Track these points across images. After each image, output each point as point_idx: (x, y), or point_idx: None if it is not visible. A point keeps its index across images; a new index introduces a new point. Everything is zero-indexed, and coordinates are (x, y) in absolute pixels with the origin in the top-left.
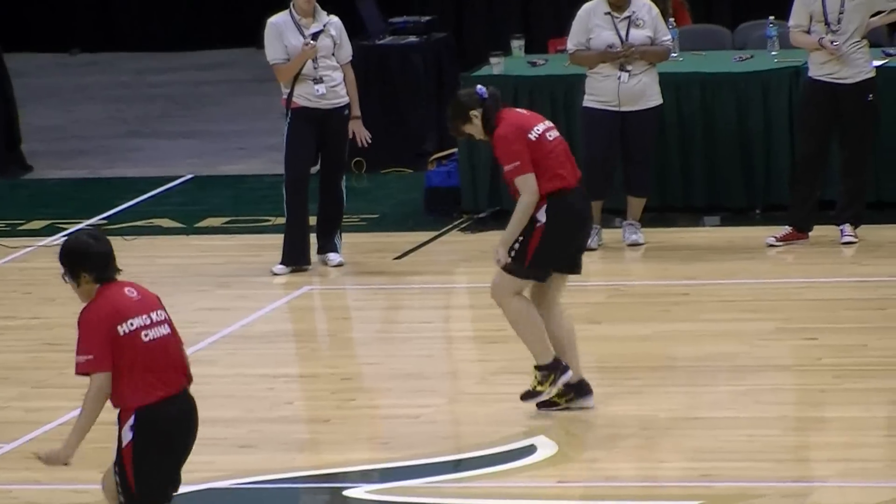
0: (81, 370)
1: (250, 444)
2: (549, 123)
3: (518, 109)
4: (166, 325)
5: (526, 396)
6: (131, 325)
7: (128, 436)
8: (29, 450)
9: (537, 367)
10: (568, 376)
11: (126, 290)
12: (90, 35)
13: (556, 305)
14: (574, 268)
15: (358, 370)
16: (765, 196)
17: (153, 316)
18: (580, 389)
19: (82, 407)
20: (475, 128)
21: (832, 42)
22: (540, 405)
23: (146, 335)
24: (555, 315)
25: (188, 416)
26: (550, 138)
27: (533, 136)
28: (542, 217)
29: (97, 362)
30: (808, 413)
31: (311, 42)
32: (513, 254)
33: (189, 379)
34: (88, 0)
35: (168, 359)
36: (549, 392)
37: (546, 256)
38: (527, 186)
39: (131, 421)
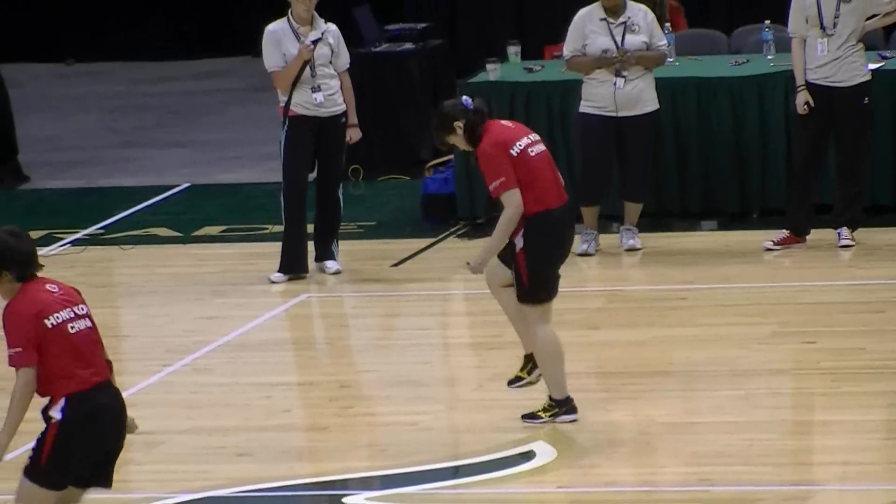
0: (14, 363)
1: (248, 453)
2: (534, 137)
3: (504, 122)
4: (88, 319)
5: (527, 417)
6: (58, 317)
7: (57, 416)
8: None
9: (550, 398)
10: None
11: (48, 286)
12: (85, 45)
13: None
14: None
15: (356, 377)
16: (761, 200)
17: (76, 310)
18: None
19: (10, 403)
20: (459, 139)
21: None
22: (525, 417)
23: (72, 327)
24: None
25: (117, 404)
26: (533, 153)
27: (514, 151)
28: (519, 242)
29: (25, 355)
30: (807, 417)
31: (309, 44)
32: (515, 285)
33: (111, 370)
34: (83, 10)
35: (94, 350)
36: (547, 421)
37: (539, 277)
38: (512, 201)
39: (62, 403)
